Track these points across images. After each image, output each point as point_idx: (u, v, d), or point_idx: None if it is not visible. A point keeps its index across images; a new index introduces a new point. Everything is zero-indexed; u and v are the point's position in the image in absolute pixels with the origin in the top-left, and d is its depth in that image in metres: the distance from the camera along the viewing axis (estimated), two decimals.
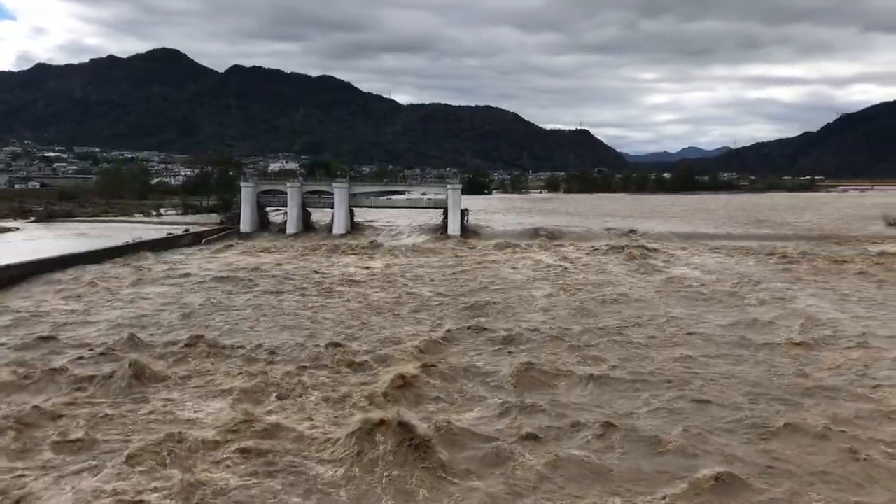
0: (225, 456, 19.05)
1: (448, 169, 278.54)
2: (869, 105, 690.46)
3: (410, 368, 26.46)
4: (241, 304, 41.41)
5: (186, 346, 30.20)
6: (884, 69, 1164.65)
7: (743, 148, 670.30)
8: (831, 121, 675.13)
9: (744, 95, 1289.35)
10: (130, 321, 35.97)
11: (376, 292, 45.91)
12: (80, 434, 20.42)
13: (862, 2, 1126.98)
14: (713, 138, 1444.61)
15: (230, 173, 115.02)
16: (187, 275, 52.23)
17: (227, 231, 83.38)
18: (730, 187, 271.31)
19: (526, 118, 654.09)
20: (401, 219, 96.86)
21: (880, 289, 48.19)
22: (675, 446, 20.08)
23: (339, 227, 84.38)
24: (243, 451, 19.24)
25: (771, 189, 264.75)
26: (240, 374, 26.75)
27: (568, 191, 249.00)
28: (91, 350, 29.73)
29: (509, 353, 30.28)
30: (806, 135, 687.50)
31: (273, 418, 21.73)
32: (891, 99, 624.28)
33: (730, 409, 23.44)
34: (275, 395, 24.45)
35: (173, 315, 37.71)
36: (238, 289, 46.75)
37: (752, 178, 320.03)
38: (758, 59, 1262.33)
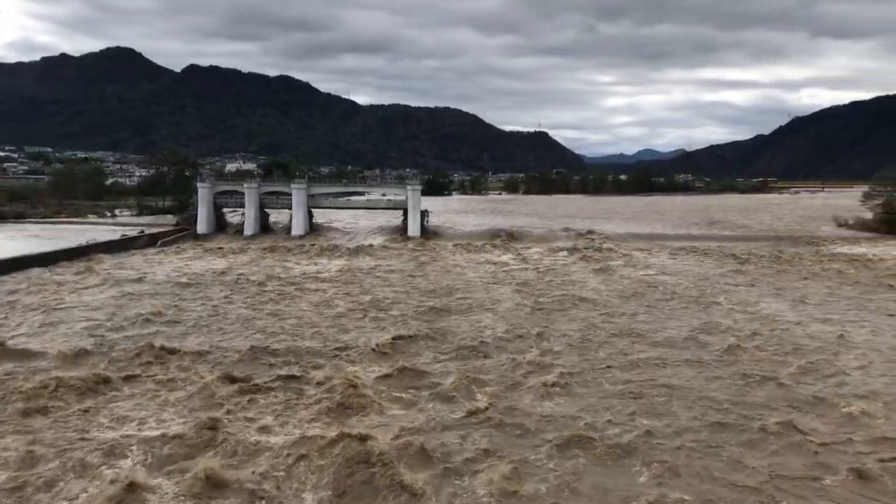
0: None
1: (408, 170, 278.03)
2: (819, 108, 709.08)
3: (359, 371, 26.60)
4: (193, 308, 40.76)
5: (136, 354, 29.44)
6: (833, 73, 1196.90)
7: (697, 150, 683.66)
8: (783, 124, 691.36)
9: (698, 98, 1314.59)
10: (82, 327, 35.29)
11: (334, 295, 45.62)
12: None
13: (811, 8, 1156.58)
14: (668, 140, 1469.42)
15: (186, 174, 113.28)
16: (140, 279, 51.17)
17: (184, 232, 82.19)
18: (685, 189, 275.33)
19: (485, 120, 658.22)
20: (360, 220, 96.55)
21: (835, 290, 49.46)
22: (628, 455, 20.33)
23: (298, 229, 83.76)
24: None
25: (725, 191, 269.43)
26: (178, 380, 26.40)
27: (527, 192, 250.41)
28: None
29: (465, 358, 30.24)
30: (758, 137, 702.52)
31: None
32: (839, 102, 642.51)
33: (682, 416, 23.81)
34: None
35: (126, 320, 37.03)
36: (191, 292, 46.04)
37: (707, 179, 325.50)
38: (712, 63, 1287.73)
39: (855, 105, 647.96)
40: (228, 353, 29.97)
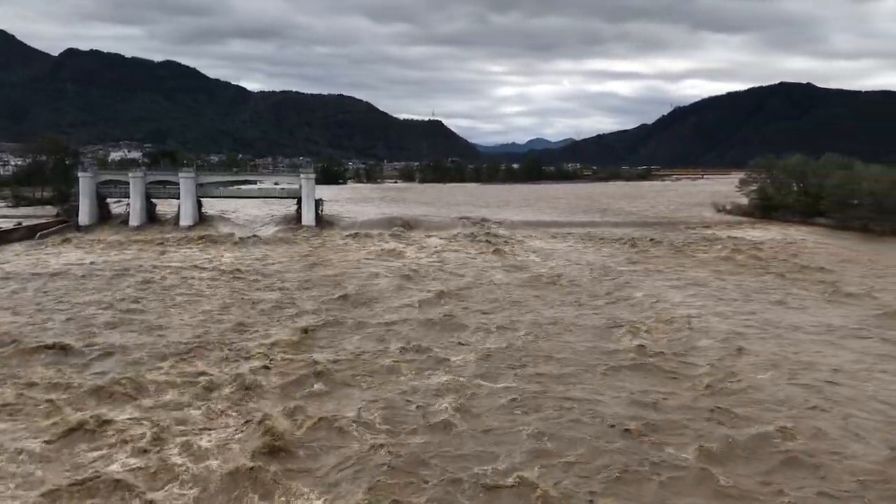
0: None
1: (301, 158, 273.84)
2: (699, 99, 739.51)
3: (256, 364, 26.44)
4: (71, 303, 39.20)
5: None
6: (712, 65, 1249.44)
7: (586, 139, 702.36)
8: (665, 113, 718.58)
9: (586, 89, 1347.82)
10: None
11: (226, 286, 44.79)
12: None
13: (691, 3, 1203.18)
14: (558, 130, 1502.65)
15: (67, 162, 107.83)
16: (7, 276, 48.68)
17: (65, 224, 78.45)
18: (574, 177, 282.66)
19: (380, 108, 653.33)
20: (253, 209, 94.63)
21: (718, 273, 52.31)
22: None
23: (187, 219, 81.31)
24: None
25: (612, 178, 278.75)
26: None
27: (423, 180, 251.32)
28: None
29: (360, 351, 30.15)
30: (643, 127, 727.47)
31: None
32: (718, 93, 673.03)
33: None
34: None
35: None
36: (71, 286, 44.22)
37: (595, 168, 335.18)
38: (599, 55, 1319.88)
39: (732, 96, 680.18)
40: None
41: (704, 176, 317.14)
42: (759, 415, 22.60)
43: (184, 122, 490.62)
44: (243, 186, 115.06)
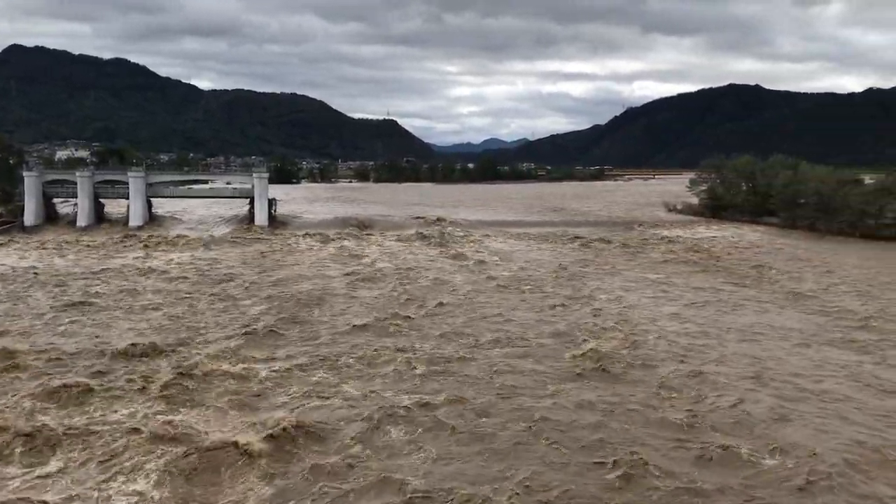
0: None
1: (254, 157, 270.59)
2: (650, 100, 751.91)
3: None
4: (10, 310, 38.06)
5: None
6: (663, 67, 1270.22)
7: (540, 139, 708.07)
8: (618, 114, 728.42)
9: (540, 90, 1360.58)
10: None
11: (176, 289, 43.93)
12: None
13: (643, 5, 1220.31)
14: (512, 130, 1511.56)
15: (11, 162, 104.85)
16: None
17: (9, 225, 76.35)
18: (529, 177, 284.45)
19: (333, 107, 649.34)
20: (205, 209, 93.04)
21: (661, 269, 53.03)
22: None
23: (136, 219, 79.68)
24: None
25: (565, 178, 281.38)
26: None
27: (377, 180, 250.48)
28: None
29: (312, 358, 29.10)
30: (596, 127, 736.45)
31: None
32: (668, 94, 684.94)
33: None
34: None
35: None
36: (11, 289, 42.98)
37: (549, 168, 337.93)
38: (552, 56, 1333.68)
39: (682, 97, 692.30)
40: None
41: (655, 176, 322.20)
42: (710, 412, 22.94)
43: (134, 121, 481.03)
44: (195, 186, 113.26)
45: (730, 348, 30.49)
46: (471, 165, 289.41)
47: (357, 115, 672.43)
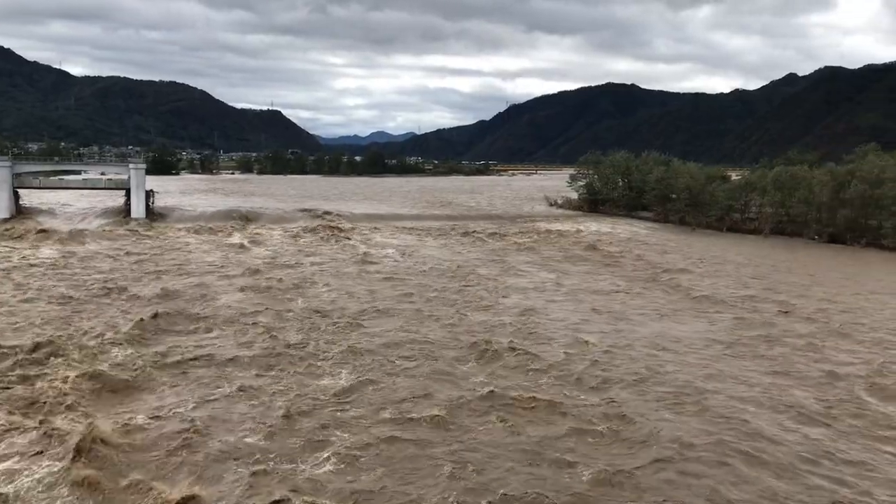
0: None
1: (131, 147, 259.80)
2: (532, 97, 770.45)
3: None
4: None
5: None
6: (545, 65, 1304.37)
7: (427, 133, 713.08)
8: (502, 110, 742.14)
9: (427, 84, 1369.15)
10: None
11: (43, 284, 41.88)
12: None
13: (526, 3, 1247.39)
14: (399, 124, 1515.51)
15: None
16: None
17: None
18: (416, 171, 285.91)
19: (215, 96, 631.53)
20: (79, 201, 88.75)
21: (543, 260, 54.83)
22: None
23: (2, 211, 75.15)
24: None
25: (452, 172, 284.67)
26: None
27: (261, 172, 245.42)
28: None
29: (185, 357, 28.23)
30: (481, 123, 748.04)
31: None
32: (549, 92, 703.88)
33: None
34: None
35: None
36: None
37: (436, 162, 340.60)
38: (438, 51, 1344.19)
39: (563, 95, 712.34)
40: None
41: (538, 171, 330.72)
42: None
43: None
44: (67, 177, 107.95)
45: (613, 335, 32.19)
46: (358, 158, 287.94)
47: (240, 105, 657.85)
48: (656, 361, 28.27)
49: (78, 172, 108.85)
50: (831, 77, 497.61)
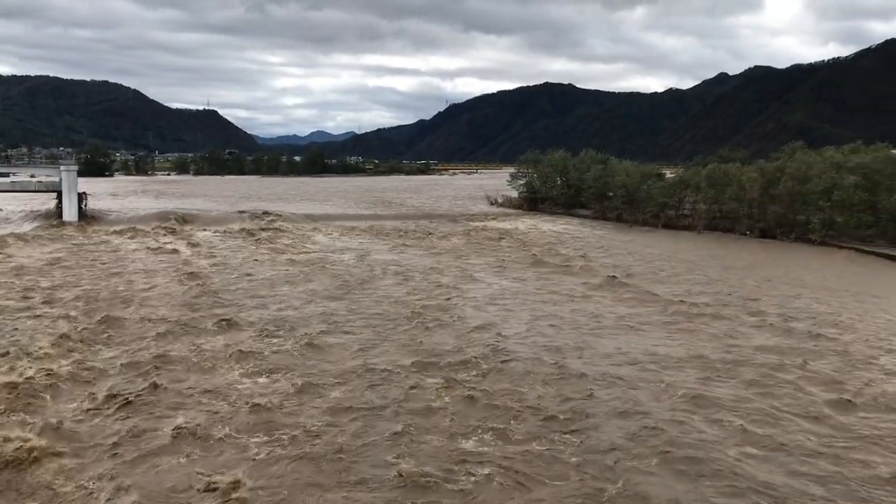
0: None
1: (61, 148, 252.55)
2: (471, 97, 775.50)
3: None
4: None
5: None
6: (483, 65, 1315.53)
7: (367, 133, 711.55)
8: (441, 110, 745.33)
9: (365, 83, 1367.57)
10: None
11: None
12: None
13: (462, 3, 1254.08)
14: (339, 123, 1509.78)
15: None
16: None
17: None
18: (356, 170, 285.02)
19: (149, 96, 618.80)
20: (8, 205, 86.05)
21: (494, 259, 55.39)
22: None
23: None
24: None
25: (392, 172, 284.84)
26: None
27: (198, 172, 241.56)
28: None
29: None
30: (420, 122, 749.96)
31: None
32: (487, 91, 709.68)
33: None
34: None
35: None
36: None
37: (376, 161, 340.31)
38: (377, 50, 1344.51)
39: (502, 94, 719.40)
40: None
41: (479, 171, 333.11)
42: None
43: None
44: None
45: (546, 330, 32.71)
46: (297, 158, 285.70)
47: (175, 105, 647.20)
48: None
49: (6, 175, 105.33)
50: (761, 77, 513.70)
